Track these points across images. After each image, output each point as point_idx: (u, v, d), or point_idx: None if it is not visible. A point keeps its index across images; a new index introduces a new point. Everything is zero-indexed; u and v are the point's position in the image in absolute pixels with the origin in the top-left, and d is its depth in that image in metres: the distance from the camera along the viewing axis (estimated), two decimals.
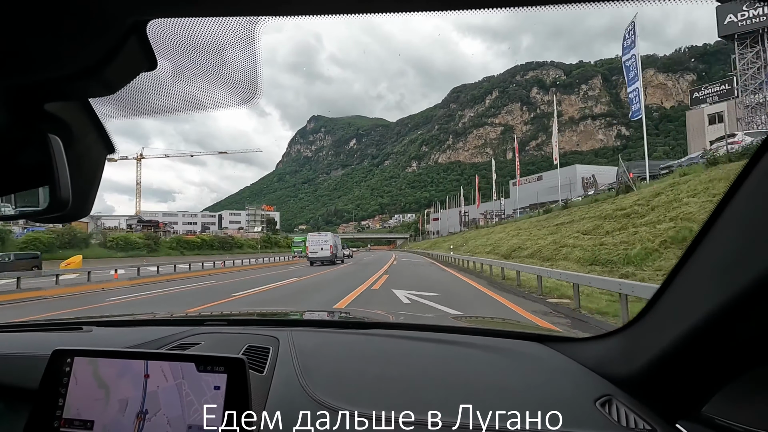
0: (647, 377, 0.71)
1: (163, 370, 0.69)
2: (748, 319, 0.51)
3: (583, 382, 0.83)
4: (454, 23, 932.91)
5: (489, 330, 1.24)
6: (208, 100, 0.55)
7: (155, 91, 0.53)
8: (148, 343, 1.04)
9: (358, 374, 0.88)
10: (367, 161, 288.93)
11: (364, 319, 1.51)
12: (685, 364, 0.63)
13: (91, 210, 0.59)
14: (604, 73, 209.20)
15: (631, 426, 0.68)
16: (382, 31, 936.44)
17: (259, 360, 0.89)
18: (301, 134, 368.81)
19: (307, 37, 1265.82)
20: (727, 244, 0.54)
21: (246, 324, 1.30)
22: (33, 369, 0.78)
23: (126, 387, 0.69)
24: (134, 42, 0.41)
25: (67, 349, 0.73)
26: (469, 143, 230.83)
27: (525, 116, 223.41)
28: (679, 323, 0.61)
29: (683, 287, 0.63)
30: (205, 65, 0.50)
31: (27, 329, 1.26)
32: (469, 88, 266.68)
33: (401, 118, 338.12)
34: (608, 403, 0.74)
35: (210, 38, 0.44)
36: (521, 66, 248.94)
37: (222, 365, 0.67)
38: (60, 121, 0.50)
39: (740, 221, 0.52)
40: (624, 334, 0.83)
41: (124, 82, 0.47)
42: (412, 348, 1.05)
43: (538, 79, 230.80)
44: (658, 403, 0.70)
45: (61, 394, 0.70)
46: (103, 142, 0.56)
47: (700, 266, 0.59)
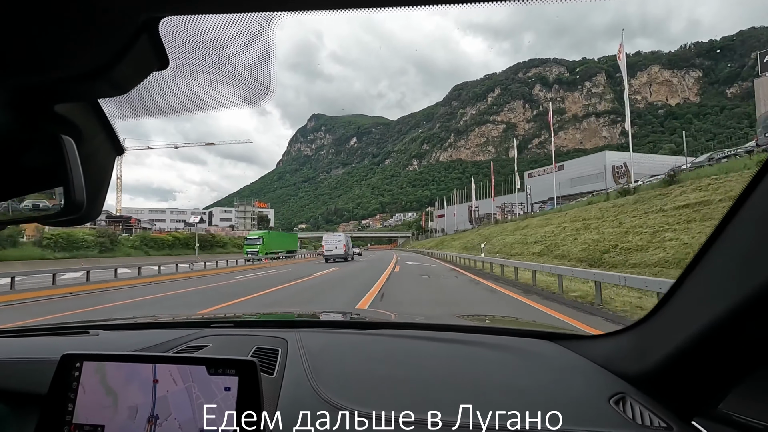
0: (661, 374, 0.70)
1: (172, 373, 0.68)
2: (763, 317, 0.51)
3: (596, 380, 0.82)
4: (456, 21, 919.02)
5: (498, 329, 1.23)
6: (219, 99, 0.54)
7: (166, 91, 0.51)
8: (156, 346, 1.03)
9: (367, 375, 0.88)
10: (368, 160, 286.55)
11: (371, 319, 1.48)
12: (700, 361, 0.62)
13: (101, 212, 0.58)
14: (608, 69, 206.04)
15: (646, 423, 0.67)
16: (384, 29, 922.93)
17: (269, 362, 0.89)
18: (302, 133, 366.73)
19: (308, 34, 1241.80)
20: (743, 243, 0.54)
21: (253, 326, 1.30)
22: (41, 374, 0.77)
23: (136, 391, 0.68)
24: (146, 40, 0.40)
25: (76, 354, 0.72)
26: (470, 141, 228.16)
27: (528, 114, 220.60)
28: (693, 320, 0.61)
29: (697, 285, 0.63)
30: (216, 63, 0.49)
31: (33, 333, 1.25)
32: (471, 86, 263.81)
33: (402, 116, 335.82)
34: (622, 400, 0.73)
35: (222, 35, 0.43)
36: (524, 63, 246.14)
37: (233, 367, 0.67)
38: (70, 123, 0.49)
39: (757, 219, 0.51)
40: (636, 332, 0.82)
41: (135, 81, 0.46)
42: (420, 348, 1.05)
43: (541, 77, 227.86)
44: (672, 401, 0.70)
45: (70, 399, 0.69)
46: (112, 143, 0.55)
47: (714, 264, 0.59)
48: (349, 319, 1.50)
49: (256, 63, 0.48)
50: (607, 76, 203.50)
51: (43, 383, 0.72)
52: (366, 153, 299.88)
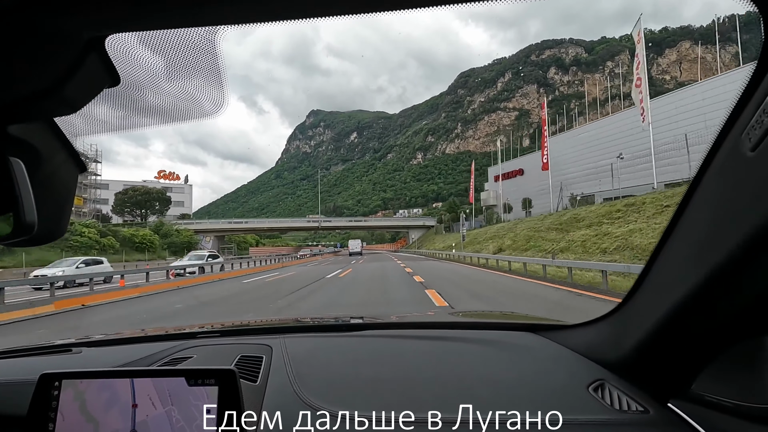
0: (637, 359, 0.72)
1: (152, 386, 0.68)
2: (726, 296, 0.52)
3: (576, 369, 0.84)
4: (455, 11, 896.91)
5: (481, 323, 1.26)
6: (175, 112, 0.54)
7: (122, 107, 0.52)
8: (139, 361, 1.03)
9: (352, 376, 0.89)
10: (369, 155, 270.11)
11: (356, 321, 1.51)
12: (671, 344, 0.63)
13: (66, 231, 0.58)
14: (632, 47, 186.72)
15: (624, 408, 0.68)
16: (381, 21, 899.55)
17: (252, 369, 0.88)
18: (300, 130, 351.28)
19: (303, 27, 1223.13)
20: (701, 224, 0.54)
21: (238, 334, 1.31)
22: (21, 395, 0.76)
23: (115, 407, 0.68)
24: (94, 58, 0.40)
25: (54, 373, 0.72)
26: (479, 131, 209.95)
27: (542, 99, 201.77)
28: (662, 304, 0.62)
29: (663, 269, 0.64)
30: (168, 78, 0.50)
31: (15, 355, 1.23)
32: (479, 72, 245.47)
33: (404, 109, 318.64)
34: (601, 387, 0.74)
35: (170, 50, 0.44)
36: (536, 45, 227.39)
37: (213, 377, 0.67)
38: (25, 143, 0.49)
39: (711, 201, 0.52)
40: (612, 319, 0.83)
41: (87, 99, 0.45)
42: (405, 347, 1.05)
43: (556, 58, 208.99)
44: (649, 384, 0.71)
45: (50, 419, 0.68)
46: (73, 161, 0.55)
47: (677, 247, 0.60)
48: (333, 322, 1.52)
49: (207, 75, 0.49)
50: (631, 54, 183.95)
51: (23, 405, 0.71)
52: (367, 148, 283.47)
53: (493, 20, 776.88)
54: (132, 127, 0.55)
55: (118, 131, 0.55)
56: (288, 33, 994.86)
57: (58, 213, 0.55)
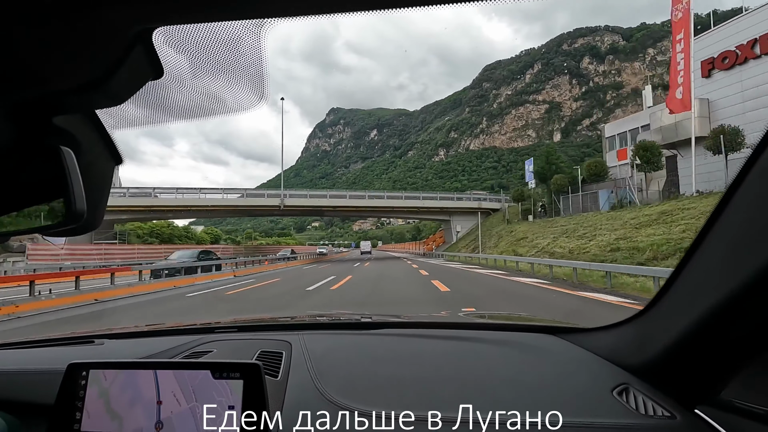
0: (663, 364, 0.71)
1: (177, 379, 0.69)
2: (762, 303, 0.51)
3: (599, 372, 0.82)
4: (477, 5, 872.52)
5: (501, 324, 1.25)
6: (215, 105, 0.55)
7: (162, 100, 0.52)
8: (162, 353, 1.05)
9: (372, 374, 0.89)
10: (389, 153, 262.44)
11: (374, 319, 1.51)
12: (701, 349, 0.62)
13: (101, 222, 0.59)
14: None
15: (650, 413, 0.67)
16: (400, 17, 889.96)
17: (273, 365, 0.90)
18: (320, 128, 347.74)
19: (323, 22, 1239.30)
20: (738, 229, 0.53)
21: (257, 330, 1.32)
22: (48, 384, 0.78)
23: (142, 398, 0.69)
24: (140, 51, 0.41)
25: (82, 363, 0.73)
26: (506, 125, 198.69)
27: (575, 91, 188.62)
28: (692, 309, 0.61)
29: (695, 273, 0.63)
30: (210, 70, 0.50)
31: (40, 345, 1.27)
32: (505, 64, 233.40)
33: (426, 105, 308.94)
34: (625, 391, 0.73)
35: (215, 42, 0.45)
36: (568, 34, 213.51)
37: (238, 371, 0.68)
38: (68, 134, 0.50)
39: (754, 202, 0.51)
40: (637, 322, 0.82)
41: (131, 92, 0.46)
42: (424, 346, 1.05)
43: (591, 47, 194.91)
44: (675, 390, 0.70)
45: (77, 408, 0.70)
46: (110, 153, 0.56)
47: (711, 252, 0.59)
48: (352, 320, 1.52)
49: (251, 67, 0.49)
50: None
51: (50, 393, 0.73)
52: (387, 146, 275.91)
53: (518, 14, 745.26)
54: (170, 121, 0.56)
55: (157, 124, 0.56)
56: (307, 30, 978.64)
57: (95, 203, 0.56)
